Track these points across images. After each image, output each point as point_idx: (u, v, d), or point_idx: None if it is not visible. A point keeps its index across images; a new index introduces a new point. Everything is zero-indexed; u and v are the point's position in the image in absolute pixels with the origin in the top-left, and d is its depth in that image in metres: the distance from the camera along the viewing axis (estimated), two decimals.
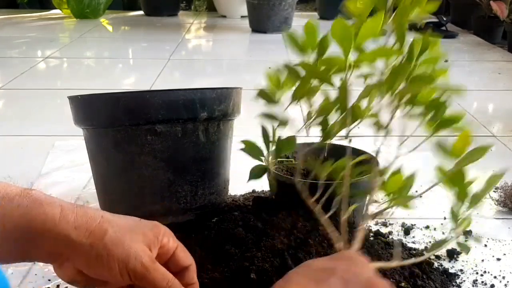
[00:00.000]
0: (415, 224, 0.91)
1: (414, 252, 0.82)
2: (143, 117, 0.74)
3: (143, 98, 0.74)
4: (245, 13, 2.97)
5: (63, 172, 1.13)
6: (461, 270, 0.78)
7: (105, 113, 0.76)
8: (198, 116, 0.76)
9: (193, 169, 0.79)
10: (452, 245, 0.85)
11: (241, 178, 1.09)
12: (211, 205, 0.83)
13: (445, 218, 0.94)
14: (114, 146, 0.78)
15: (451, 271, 0.77)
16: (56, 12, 3.38)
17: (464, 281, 0.76)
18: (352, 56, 0.59)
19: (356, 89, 0.64)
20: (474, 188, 0.69)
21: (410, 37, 0.60)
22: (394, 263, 0.58)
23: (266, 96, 0.68)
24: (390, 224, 0.92)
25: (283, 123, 0.68)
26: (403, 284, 0.69)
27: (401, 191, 0.63)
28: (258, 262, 0.67)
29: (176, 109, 0.75)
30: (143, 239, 0.49)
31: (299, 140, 1.05)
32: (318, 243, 0.71)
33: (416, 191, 1.05)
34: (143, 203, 0.79)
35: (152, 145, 0.76)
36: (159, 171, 0.77)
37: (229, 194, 1.00)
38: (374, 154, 0.87)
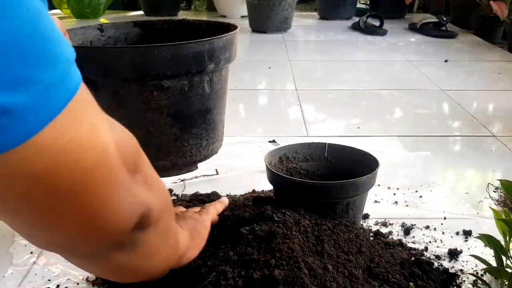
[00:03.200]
0: (415, 224, 0.91)
1: (414, 252, 0.82)
2: (151, 73, 0.70)
3: (151, 53, 0.69)
4: (245, 13, 2.97)
5: None
6: (461, 270, 0.78)
7: (110, 68, 0.72)
8: (206, 68, 0.73)
9: (198, 122, 0.77)
10: (452, 245, 0.86)
11: (241, 178, 1.10)
12: (213, 154, 0.84)
13: (445, 218, 0.94)
14: (119, 102, 0.74)
15: (451, 271, 0.77)
16: (56, 12, 3.38)
17: (464, 281, 0.76)
18: None
19: None
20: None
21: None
22: None
23: None
24: (390, 224, 0.92)
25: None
26: (411, 284, 0.69)
27: None
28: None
29: (185, 63, 0.71)
30: None
31: (299, 140, 1.06)
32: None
33: (416, 191, 1.05)
34: (149, 159, 0.75)
35: (159, 101, 0.73)
36: (166, 126, 0.75)
37: (229, 194, 1.00)
38: (374, 154, 0.87)
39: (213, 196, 0.96)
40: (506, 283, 0.69)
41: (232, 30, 0.80)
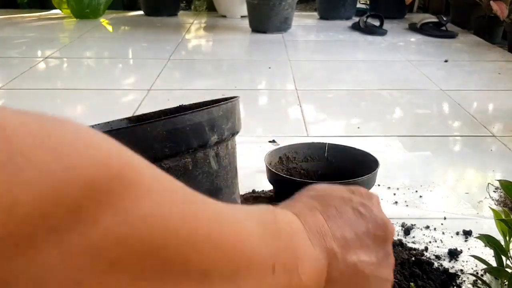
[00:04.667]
0: (415, 224, 0.92)
1: (414, 252, 0.82)
2: (147, 155, 0.62)
3: (144, 131, 0.62)
4: (245, 13, 2.97)
5: None
6: (461, 270, 0.79)
7: None
8: (209, 140, 0.66)
9: None
10: (452, 245, 0.86)
11: (241, 178, 1.09)
12: None
13: (445, 218, 0.94)
14: None
15: (451, 271, 0.77)
16: (56, 12, 3.38)
17: (464, 281, 0.76)
18: None
19: None
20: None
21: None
22: None
23: None
24: None
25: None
26: (411, 284, 0.69)
27: None
28: None
29: (184, 138, 0.64)
30: None
31: (299, 140, 1.06)
32: None
33: (416, 191, 1.05)
34: None
35: None
36: None
37: None
38: (374, 154, 0.87)
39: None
40: (506, 283, 0.69)
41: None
